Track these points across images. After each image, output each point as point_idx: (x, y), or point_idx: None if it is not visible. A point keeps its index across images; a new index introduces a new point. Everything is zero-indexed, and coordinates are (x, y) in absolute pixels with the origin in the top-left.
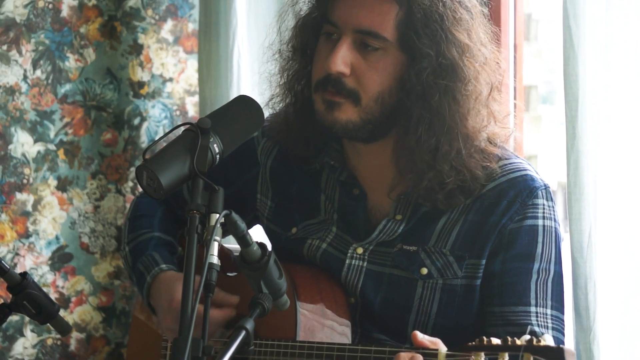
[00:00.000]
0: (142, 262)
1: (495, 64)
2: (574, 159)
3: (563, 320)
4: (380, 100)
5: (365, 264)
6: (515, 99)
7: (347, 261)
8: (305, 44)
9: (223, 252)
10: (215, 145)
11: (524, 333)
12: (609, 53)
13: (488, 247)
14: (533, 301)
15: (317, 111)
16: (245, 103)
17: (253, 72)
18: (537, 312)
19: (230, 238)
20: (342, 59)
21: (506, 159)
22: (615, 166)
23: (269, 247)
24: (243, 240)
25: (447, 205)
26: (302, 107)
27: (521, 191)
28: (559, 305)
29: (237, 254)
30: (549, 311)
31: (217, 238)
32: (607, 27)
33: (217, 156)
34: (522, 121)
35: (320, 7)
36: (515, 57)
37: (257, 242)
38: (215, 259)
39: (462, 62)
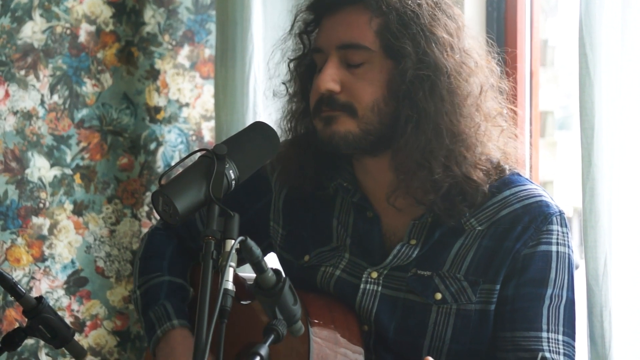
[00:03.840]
0: (155, 311)
1: (487, 69)
2: (590, 187)
3: (574, 347)
4: (376, 110)
5: (379, 288)
6: (531, 125)
7: (362, 286)
8: (304, 85)
9: (237, 280)
10: (231, 172)
11: (535, 359)
12: (625, 80)
13: (502, 272)
14: (545, 326)
15: (318, 132)
16: (261, 129)
17: (269, 97)
18: (548, 338)
19: (245, 266)
20: (331, 77)
21: (521, 185)
22: (631, 194)
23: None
24: (258, 266)
25: (448, 214)
26: (305, 145)
27: (536, 217)
28: (570, 331)
29: (251, 282)
30: (560, 337)
31: (232, 264)
32: (623, 54)
33: (233, 182)
34: (537, 147)
35: (306, 41)
36: (531, 83)
37: (272, 269)
38: (230, 285)
39: (443, 57)
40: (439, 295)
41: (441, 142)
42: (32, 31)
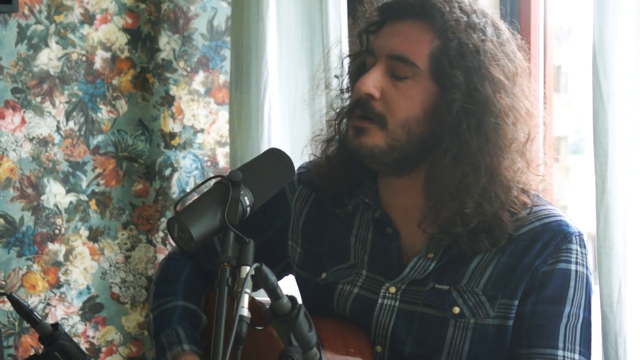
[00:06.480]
0: (166, 335)
1: (536, 119)
2: (604, 213)
3: None
4: (407, 128)
5: (397, 303)
6: (545, 150)
7: (380, 301)
8: (353, 83)
9: (253, 305)
10: (246, 198)
11: None
12: (639, 108)
13: (521, 288)
14: (561, 344)
15: (347, 138)
16: (276, 156)
17: (284, 124)
18: (564, 356)
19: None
20: (373, 82)
21: (541, 205)
22: None
23: (299, 299)
24: (273, 293)
25: (471, 248)
26: (341, 153)
27: (556, 235)
28: (586, 351)
29: (268, 306)
30: (576, 356)
31: (248, 290)
32: (637, 81)
33: (248, 209)
34: (551, 172)
35: (364, 41)
36: (544, 108)
37: (287, 295)
38: (245, 312)
39: (495, 97)
40: (456, 309)
41: (477, 178)
42: (48, 58)
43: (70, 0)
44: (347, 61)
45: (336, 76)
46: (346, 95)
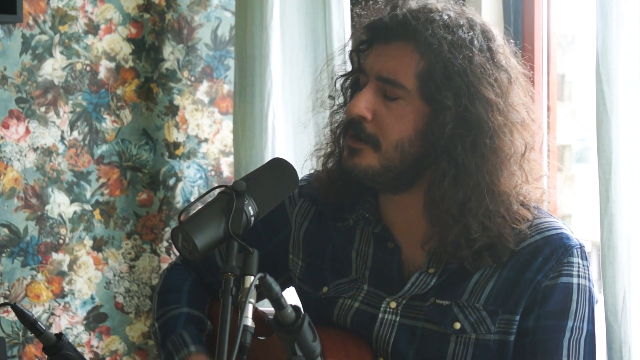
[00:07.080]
0: (172, 341)
1: (535, 126)
2: (608, 222)
3: None
4: (399, 148)
5: (398, 318)
6: (549, 159)
7: (380, 315)
8: (347, 98)
9: (256, 315)
10: (250, 208)
11: None
12: None
13: (522, 303)
14: (565, 359)
15: (342, 157)
16: (280, 166)
17: (288, 133)
18: None
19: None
20: (365, 103)
21: (541, 217)
22: None
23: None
24: (277, 303)
25: (474, 267)
26: (339, 170)
27: (557, 249)
28: None
29: (271, 317)
30: None
31: (252, 300)
32: None
33: (252, 218)
34: (555, 181)
35: (354, 60)
36: (548, 117)
37: (291, 305)
38: (249, 321)
39: (487, 117)
40: (457, 325)
41: (480, 199)
42: (53, 68)
43: (75, 10)
44: (340, 77)
45: (331, 96)
46: (341, 111)
